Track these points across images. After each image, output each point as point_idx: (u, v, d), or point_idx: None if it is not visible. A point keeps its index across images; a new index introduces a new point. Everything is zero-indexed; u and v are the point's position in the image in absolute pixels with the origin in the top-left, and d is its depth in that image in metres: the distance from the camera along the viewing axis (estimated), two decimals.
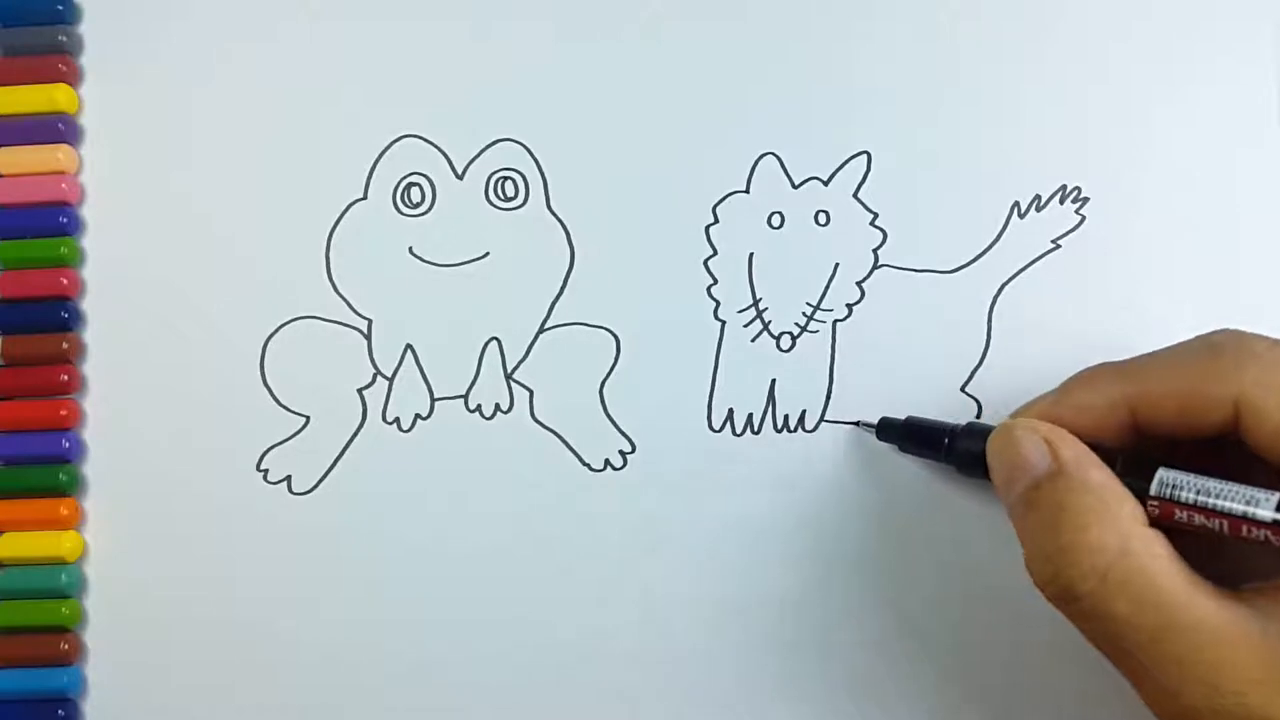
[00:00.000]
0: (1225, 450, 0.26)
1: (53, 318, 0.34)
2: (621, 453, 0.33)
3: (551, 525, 0.33)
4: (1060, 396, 0.28)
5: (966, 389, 0.32)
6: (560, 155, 0.34)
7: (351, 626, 0.33)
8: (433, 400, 0.33)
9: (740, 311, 0.33)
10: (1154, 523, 0.25)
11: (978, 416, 0.32)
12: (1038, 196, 0.33)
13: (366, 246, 0.34)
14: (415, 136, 0.34)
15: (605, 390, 0.33)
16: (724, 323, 0.33)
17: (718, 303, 0.33)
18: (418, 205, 0.34)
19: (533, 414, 0.33)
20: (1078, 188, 0.33)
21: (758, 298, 0.33)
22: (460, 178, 0.34)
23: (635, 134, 0.34)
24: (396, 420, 0.33)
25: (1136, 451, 0.26)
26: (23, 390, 0.34)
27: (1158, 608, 0.24)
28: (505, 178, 0.34)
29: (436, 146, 0.34)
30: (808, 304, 0.33)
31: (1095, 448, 0.26)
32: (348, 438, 0.33)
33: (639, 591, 0.32)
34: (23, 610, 0.33)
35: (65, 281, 0.34)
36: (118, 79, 0.35)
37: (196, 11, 0.35)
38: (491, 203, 0.34)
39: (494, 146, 0.34)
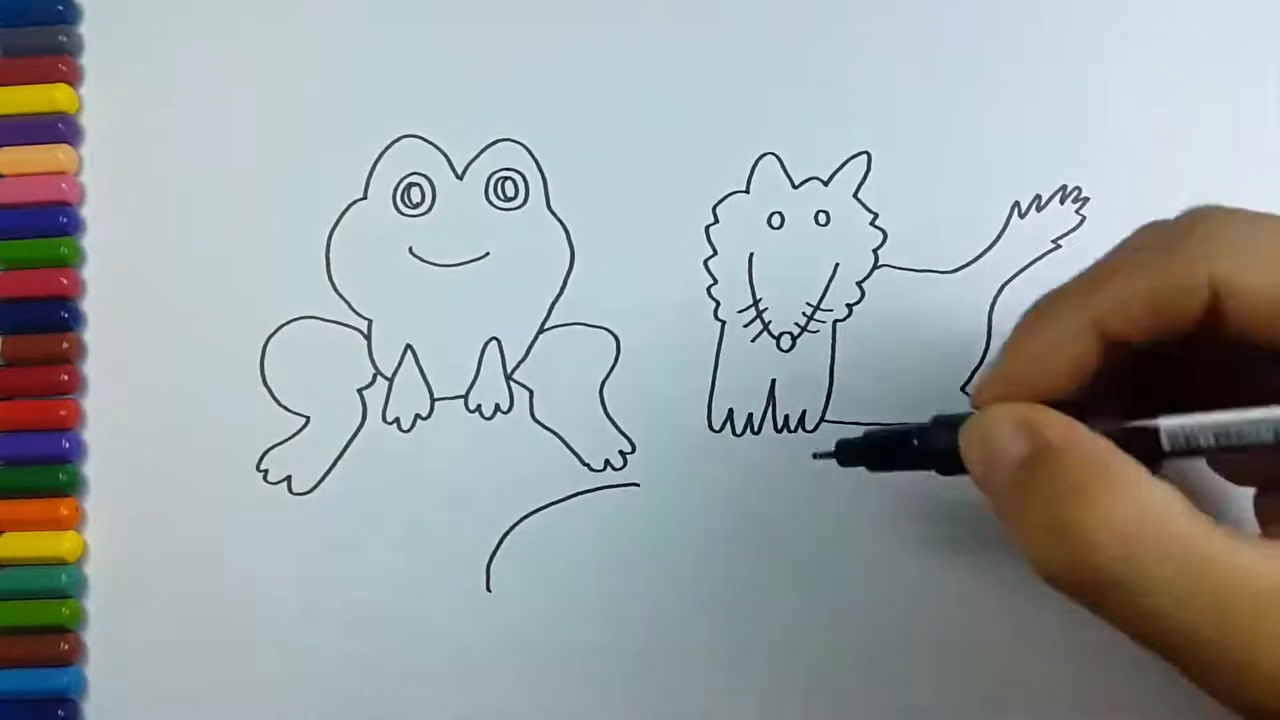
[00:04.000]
0: (1201, 343, 0.23)
1: (53, 318, 0.34)
2: (621, 453, 0.33)
3: (551, 525, 0.33)
4: (1014, 349, 0.24)
5: (966, 389, 0.32)
6: (560, 155, 0.34)
7: (351, 626, 0.33)
8: (433, 400, 0.33)
9: (740, 311, 0.33)
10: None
11: None
12: (1038, 196, 0.33)
13: (366, 246, 0.34)
14: (415, 136, 0.34)
15: (605, 390, 0.33)
16: (724, 323, 0.33)
17: (718, 303, 0.33)
18: (418, 205, 0.34)
19: (533, 414, 0.33)
20: (1078, 188, 0.33)
21: (758, 298, 0.33)
22: (460, 178, 0.34)
23: (635, 134, 0.34)
24: (396, 420, 0.33)
25: (1123, 410, 0.24)
26: (23, 390, 0.34)
27: (1205, 570, 0.20)
28: (505, 178, 0.34)
29: (436, 146, 0.34)
30: (808, 304, 0.33)
31: (1071, 408, 0.23)
32: (348, 438, 0.33)
33: (639, 591, 0.32)
34: (23, 610, 0.33)
35: (65, 281, 0.34)
36: (118, 79, 0.35)
37: (196, 11, 0.35)
38: (491, 203, 0.34)
39: (494, 146, 0.34)
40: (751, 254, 0.33)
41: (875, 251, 0.33)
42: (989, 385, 0.24)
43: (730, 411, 0.33)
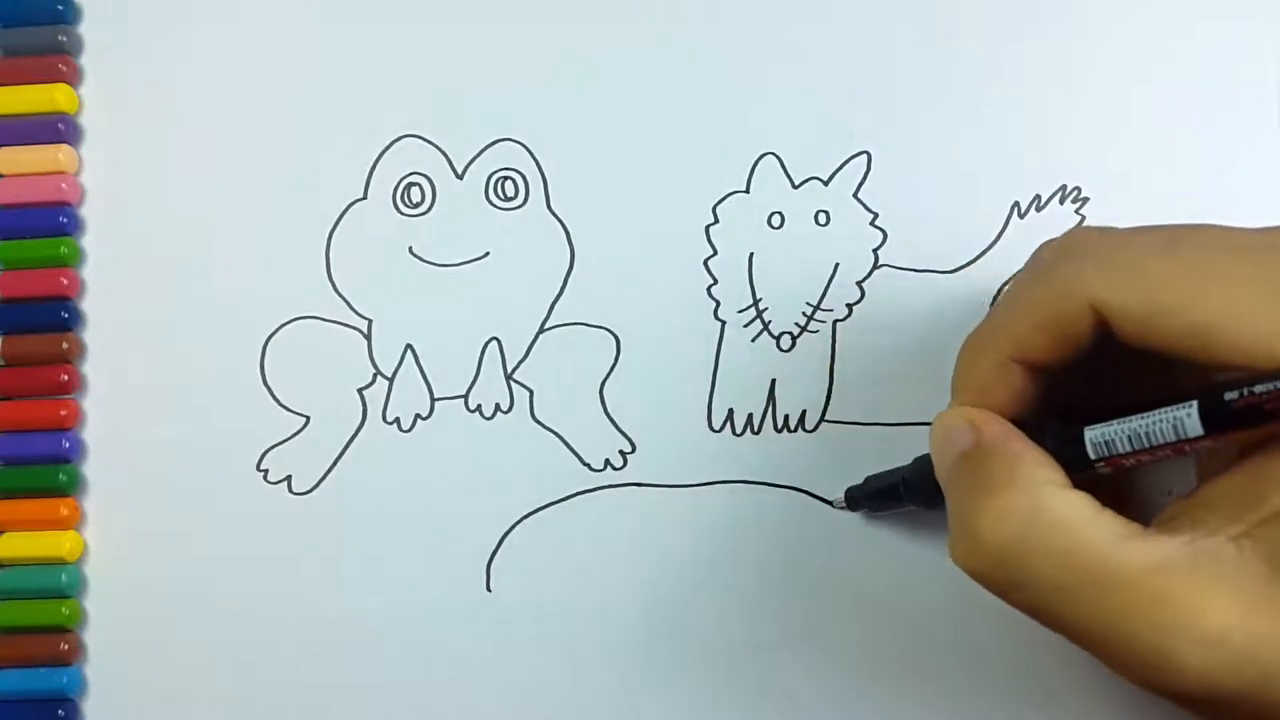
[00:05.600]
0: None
1: (53, 318, 0.34)
2: (621, 453, 0.33)
3: (551, 525, 0.33)
4: (959, 381, 0.27)
5: None
6: (560, 155, 0.34)
7: (351, 626, 0.33)
8: (433, 400, 0.33)
9: (740, 311, 0.33)
10: (1084, 483, 0.24)
11: None
12: (1038, 196, 0.33)
13: (366, 246, 0.34)
14: (415, 136, 0.34)
15: (605, 390, 0.33)
16: (724, 323, 0.33)
17: (718, 303, 0.33)
18: (418, 205, 0.34)
19: (533, 414, 0.33)
20: (1078, 188, 0.33)
21: (758, 298, 0.33)
22: (460, 178, 0.34)
23: (635, 134, 0.34)
24: (396, 420, 0.33)
25: (1060, 418, 0.26)
26: (23, 390, 0.34)
27: (1088, 563, 0.22)
28: (505, 178, 0.34)
29: (436, 146, 0.34)
30: (808, 304, 0.33)
31: (1026, 425, 0.26)
32: (348, 438, 0.33)
33: (639, 591, 0.32)
34: (23, 610, 0.33)
35: (65, 281, 0.34)
36: (118, 79, 0.35)
37: (196, 12, 0.35)
38: (491, 203, 0.34)
39: (494, 146, 0.34)
40: (751, 254, 0.33)
41: (875, 251, 0.33)
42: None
43: (730, 411, 0.33)
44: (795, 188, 0.33)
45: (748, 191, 0.33)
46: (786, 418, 0.33)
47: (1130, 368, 0.25)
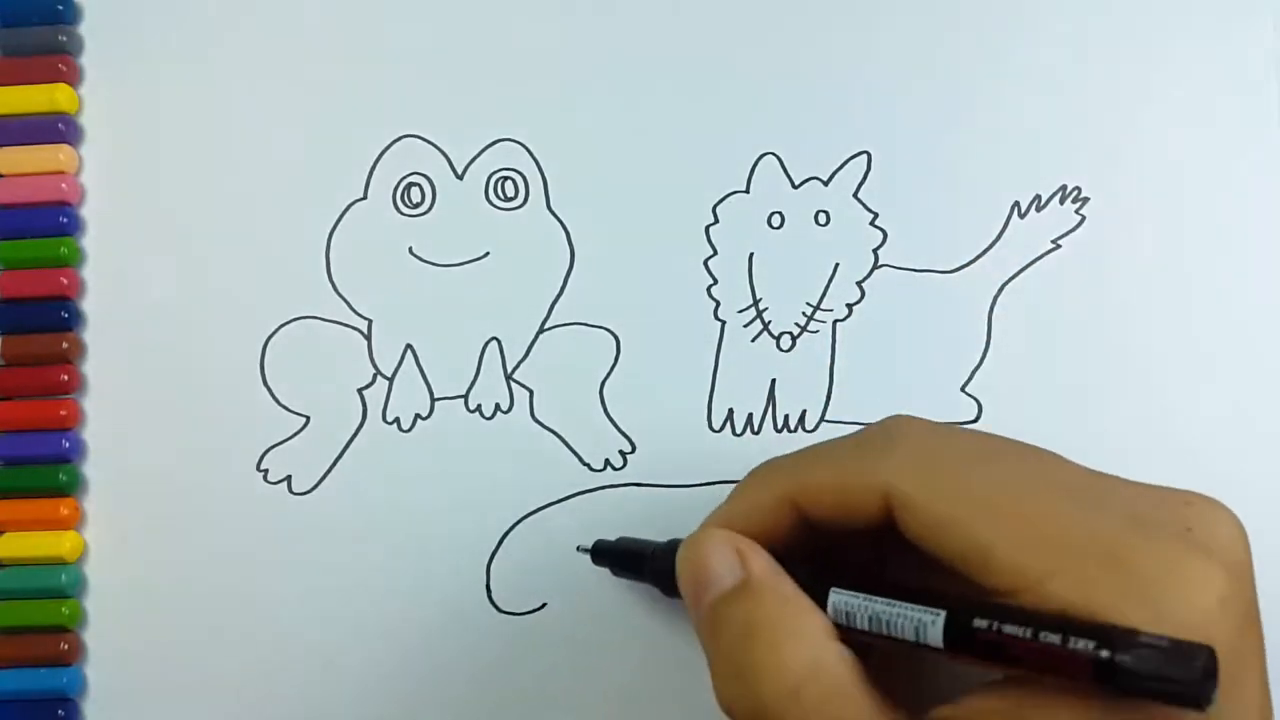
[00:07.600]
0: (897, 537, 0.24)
1: (53, 318, 0.34)
2: (621, 453, 0.33)
3: (551, 525, 0.33)
4: (734, 497, 0.27)
5: (966, 389, 0.32)
6: (560, 155, 0.34)
7: (351, 626, 0.33)
8: (433, 400, 0.33)
9: (740, 311, 0.33)
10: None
11: (977, 417, 0.32)
12: (1038, 196, 0.33)
13: (366, 246, 0.34)
14: (415, 136, 0.34)
15: (605, 390, 0.33)
16: (724, 323, 0.33)
17: (718, 303, 0.33)
18: (418, 205, 0.34)
19: (533, 414, 0.33)
20: (1078, 188, 0.33)
21: (758, 298, 0.33)
22: (460, 178, 0.34)
23: (635, 134, 0.34)
24: (396, 420, 0.33)
25: (814, 563, 0.25)
26: (23, 390, 0.34)
27: None
28: (505, 178, 0.34)
29: (436, 146, 0.34)
30: (808, 304, 0.33)
31: (779, 559, 0.25)
32: (348, 438, 0.33)
33: (639, 590, 0.32)
34: (23, 610, 0.33)
35: (65, 281, 0.34)
36: (118, 79, 0.35)
37: (197, 12, 0.35)
38: (491, 203, 0.34)
39: (494, 146, 0.34)
40: (751, 254, 0.33)
41: (875, 251, 0.33)
42: (707, 524, 0.27)
43: (730, 411, 0.33)
44: (795, 188, 0.33)
45: (748, 191, 0.33)
46: (786, 418, 0.33)
47: (914, 550, 0.24)
